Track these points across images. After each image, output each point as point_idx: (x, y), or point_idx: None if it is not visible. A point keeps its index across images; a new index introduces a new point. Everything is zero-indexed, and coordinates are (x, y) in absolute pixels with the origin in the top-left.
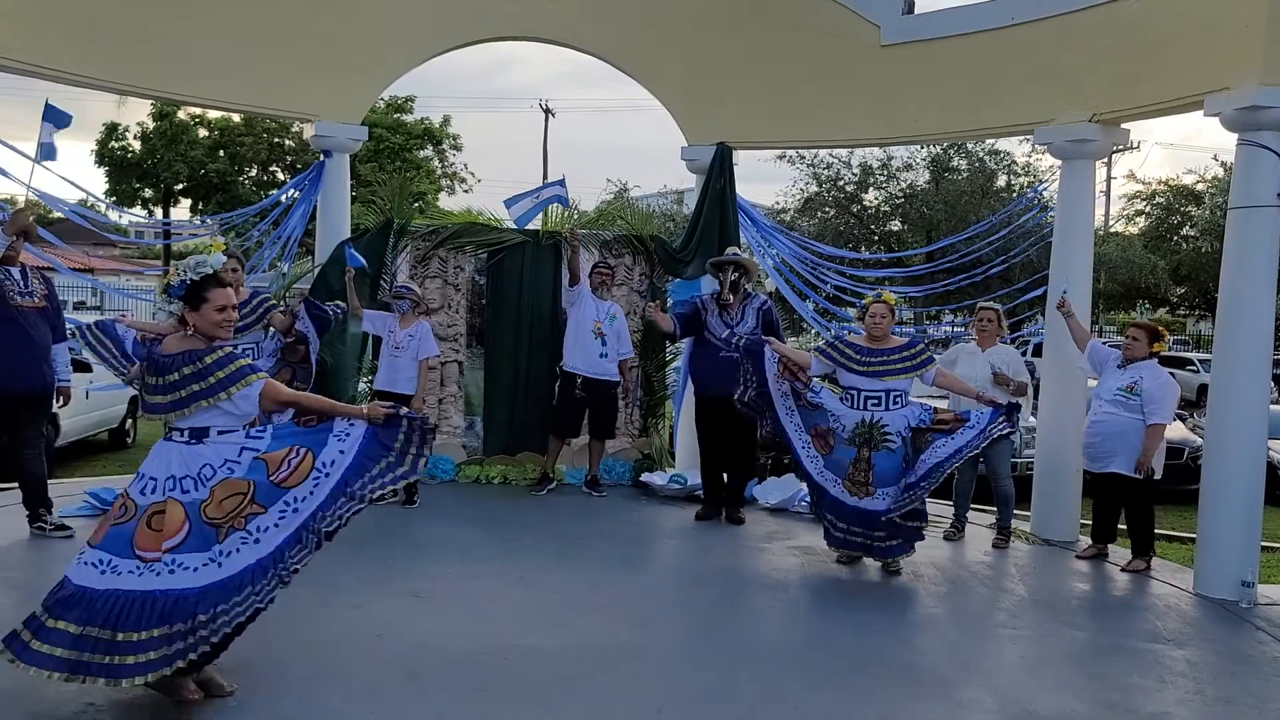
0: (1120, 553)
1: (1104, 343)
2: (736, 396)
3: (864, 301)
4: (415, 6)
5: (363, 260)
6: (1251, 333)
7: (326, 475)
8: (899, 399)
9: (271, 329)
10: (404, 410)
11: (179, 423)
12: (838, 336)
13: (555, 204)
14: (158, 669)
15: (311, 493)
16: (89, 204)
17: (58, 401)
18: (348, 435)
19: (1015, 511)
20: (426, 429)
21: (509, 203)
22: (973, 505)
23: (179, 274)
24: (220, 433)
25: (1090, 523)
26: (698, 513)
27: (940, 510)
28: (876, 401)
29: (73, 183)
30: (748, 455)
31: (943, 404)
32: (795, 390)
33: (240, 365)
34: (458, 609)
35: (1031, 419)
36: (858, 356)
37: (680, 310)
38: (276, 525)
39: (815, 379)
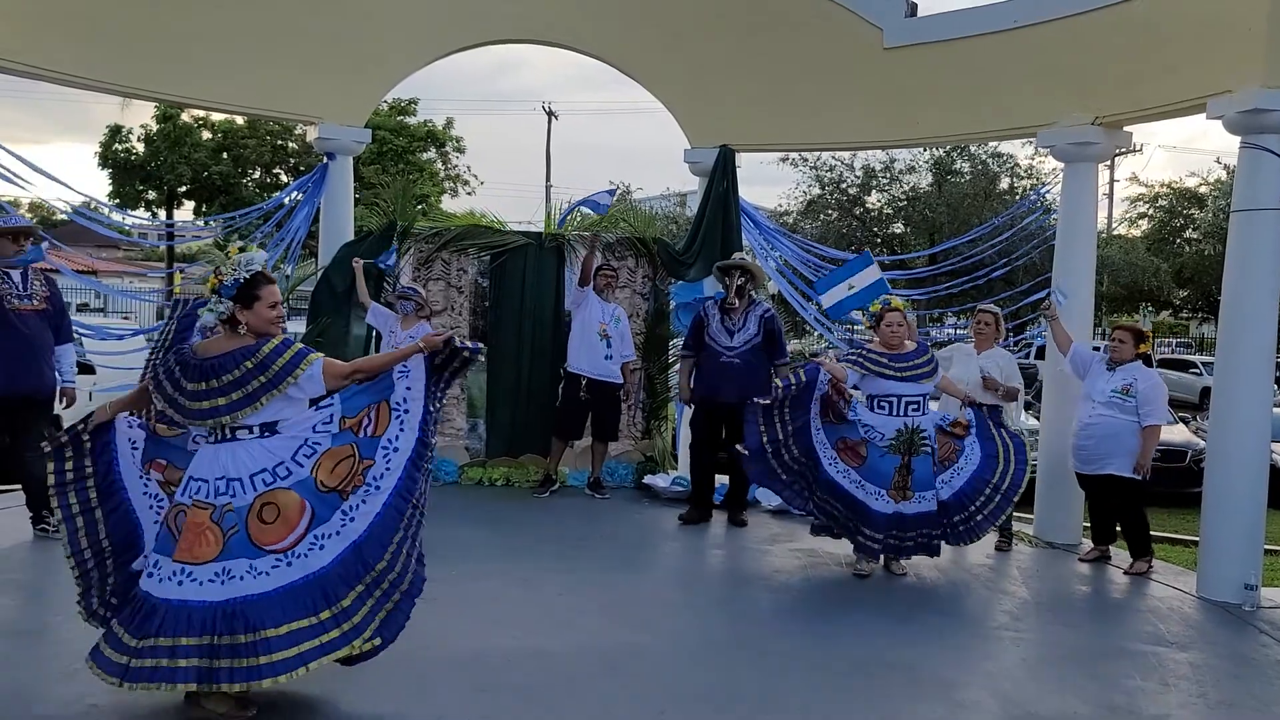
0: (1122, 555)
1: (1104, 345)
2: (763, 441)
3: (872, 309)
4: (418, 9)
5: (393, 261)
6: (1254, 335)
7: (407, 411)
8: (928, 403)
9: None
10: (457, 339)
11: (248, 420)
12: (860, 346)
13: (588, 208)
14: (370, 622)
15: (401, 430)
16: (92, 206)
17: (61, 403)
18: (408, 371)
19: (1017, 514)
20: (477, 352)
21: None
22: None
23: (230, 273)
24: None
25: (1090, 525)
26: (682, 515)
27: None
28: (915, 406)
29: (73, 188)
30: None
31: (934, 405)
32: (827, 403)
33: (297, 349)
34: (460, 610)
35: (1032, 421)
36: (890, 363)
37: (688, 336)
38: (388, 468)
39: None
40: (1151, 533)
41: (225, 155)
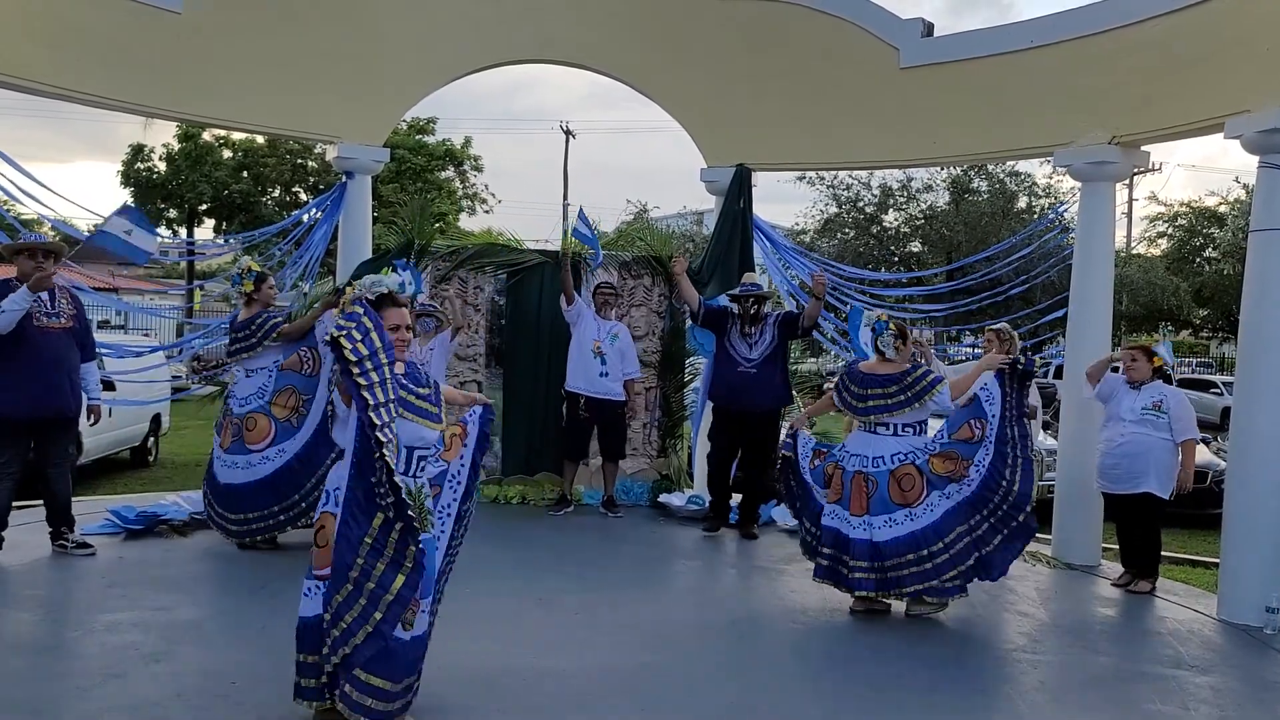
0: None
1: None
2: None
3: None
4: (438, 29)
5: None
6: (1274, 355)
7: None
8: (883, 428)
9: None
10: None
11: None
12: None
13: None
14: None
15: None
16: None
17: (89, 419)
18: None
19: (1038, 534)
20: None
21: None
22: None
23: (357, 293)
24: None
25: (1120, 548)
26: (704, 527)
27: None
28: (912, 429)
29: (94, 211)
30: (762, 474)
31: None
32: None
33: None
34: (476, 629)
35: (1050, 441)
36: (860, 390)
37: (710, 305)
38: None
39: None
40: (1172, 554)
41: (245, 174)
